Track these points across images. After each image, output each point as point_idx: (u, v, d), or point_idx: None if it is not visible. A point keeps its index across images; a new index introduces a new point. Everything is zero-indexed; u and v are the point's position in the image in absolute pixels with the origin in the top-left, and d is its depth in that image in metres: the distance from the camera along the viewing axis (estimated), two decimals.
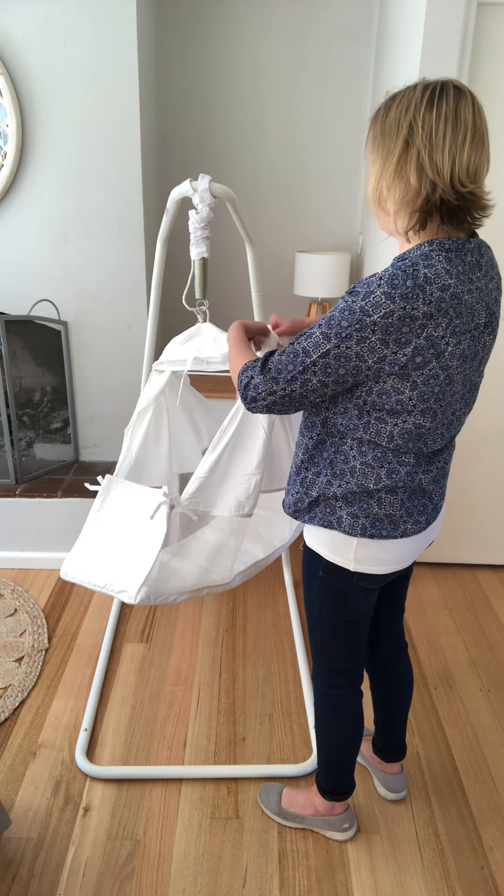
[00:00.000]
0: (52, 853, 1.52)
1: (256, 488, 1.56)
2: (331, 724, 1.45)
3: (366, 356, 1.03)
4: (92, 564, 1.60)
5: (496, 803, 1.67)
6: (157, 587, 1.52)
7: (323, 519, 1.21)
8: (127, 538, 1.58)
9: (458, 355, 1.05)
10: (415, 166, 1.00)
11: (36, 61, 2.23)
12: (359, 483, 1.16)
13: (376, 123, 1.06)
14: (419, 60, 1.96)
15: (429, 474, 1.19)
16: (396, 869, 1.51)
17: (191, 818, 1.61)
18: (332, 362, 1.05)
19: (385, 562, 1.24)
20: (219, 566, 1.69)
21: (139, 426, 1.90)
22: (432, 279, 0.99)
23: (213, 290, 3.06)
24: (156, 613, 2.35)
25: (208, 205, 1.66)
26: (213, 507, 1.57)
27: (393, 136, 1.02)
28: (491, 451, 2.46)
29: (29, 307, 2.54)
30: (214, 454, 1.54)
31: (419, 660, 2.16)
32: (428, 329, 1.00)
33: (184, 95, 2.78)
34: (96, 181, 2.38)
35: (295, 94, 2.78)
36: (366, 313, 0.99)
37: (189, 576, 1.63)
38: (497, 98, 2.04)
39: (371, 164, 1.08)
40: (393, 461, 1.14)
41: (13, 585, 2.48)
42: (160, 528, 1.50)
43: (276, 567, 2.64)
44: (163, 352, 1.89)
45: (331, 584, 1.28)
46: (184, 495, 1.54)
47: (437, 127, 0.98)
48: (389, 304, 0.98)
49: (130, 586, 1.50)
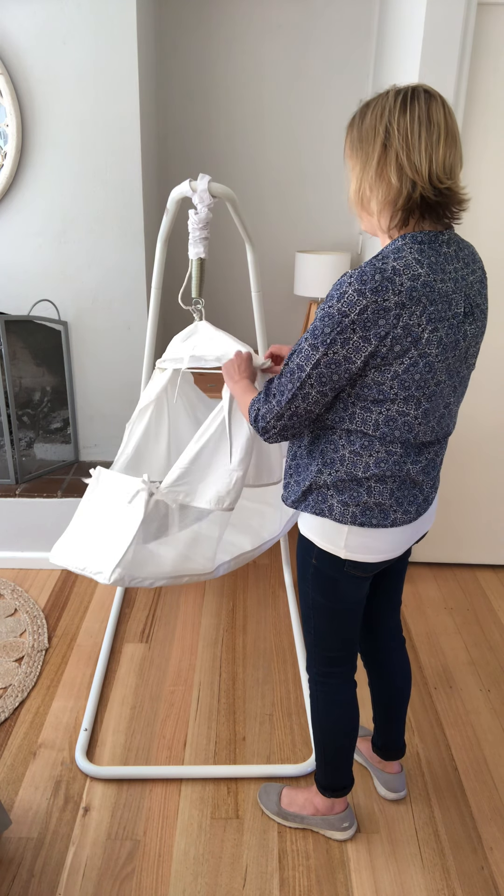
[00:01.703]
0: (52, 853, 1.52)
1: (238, 484, 1.58)
2: (327, 714, 1.46)
3: (353, 357, 1.07)
4: (75, 548, 1.66)
5: (496, 803, 1.67)
6: (131, 570, 1.58)
7: (315, 507, 1.24)
8: (107, 523, 1.63)
9: (435, 342, 1.08)
10: (395, 167, 1.06)
11: (36, 61, 2.23)
12: (347, 471, 1.19)
13: (353, 130, 1.12)
14: (419, 60, 1.96)
15: (417, 464, 1.21)
16: (396, 869, 1.51)
17: (191, 818, 1.61)
18: (324, 371, 1.09)
19: (376, 550, 1.26)
20: (199, 555, 1.72)
21: (139, 423, 1.92)
22: (401, 270, 1.04)
23: (213, 289, 3.06)
24: (156, 613, 2.35)
25: (207, 205, 1.67)
26: (193, 497, 1.60)
27: (370, 140, 1.08)
28: (491, 452, 2.46)
29: (29, 307, 2.54)
30: (197, 445, 1.57)
31: (419, 660, 2.16)
32: (403, 318, 1.04)
33: (184, 95, 2.79)
34: (96, 181, 2.38)
35: (295, 95, 2.78)
36: (343, 314, 1.04)
37: (167, 562, 1.68)
38: (497, 98, 2.04)
39: (351, 169, 1.14)
40: (381, 450, 1.17)
41: (13, 585, 2.48)
42: (137, 513, 1.55)
43: (276, 567, 2.65)
44: (165, 350, 1.91)
45: (323, 572, 1.31)
46: (164, 483, 1.58)
47: (412, 129, 1.05)
48: (362, 299, 1.03)
49: (105, 567, 1.56)
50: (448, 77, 1.97)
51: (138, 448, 1.93)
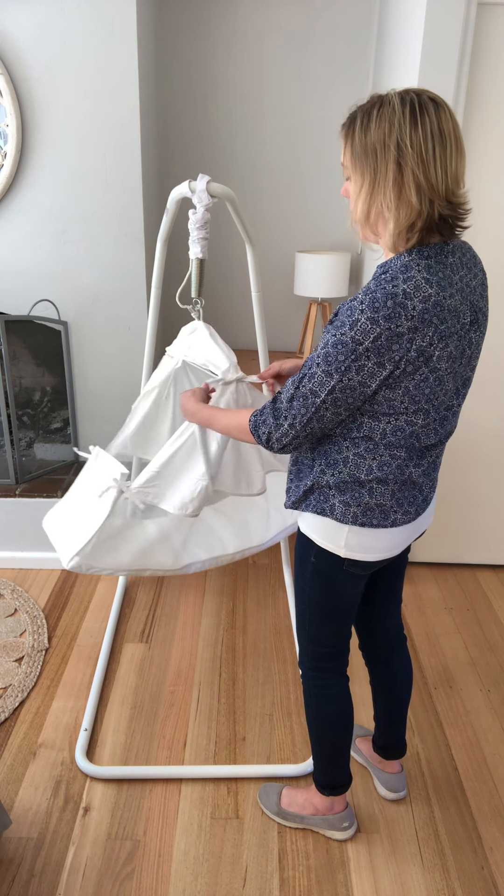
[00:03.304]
0: (52, 853, 1.52)
1: (202, 493, 1.62)
2: (321, 709, 1.46)
3: (368, 381, 1.07)
4: (59, 521, 1.75)
5: (496, 803, 1.67)
6: (89, 560, 1.65)
7: (316, 506, 1.25)
8: (83, 508, 1.69)
9: (445, 357, 1.09)
10: (414, 188, 1.02)
11: (36, 61, 2.23)
12: (350, 473, 1.19)
13: (352, 140, 1.06)
14: (419, 60, 1.96)
15: (420, 468, 1.22)
16: (396, 869, 1.51)
17: (191, 818, 1.61)
18: (339, 396, 1.09)
19: (375, 549, 1.27)
20: (161, 552, 1.77)
21: (143, 403, 1.97)
22: (411, 293, 1.02)
23: (213, 289, 3.06)
24: (156, 613, 2.35)
25: (205, 206, 1.67)
26: (161, 500, 1.64)
27: (382, 157, 1.03)
28: (491, 452, 2.46)
29: (29, 307, 2.54)
30: (170, 450, 1.62)
31: (419, 660, 2.16)
32: (415, 342, 1.04)
33: (184, 95, 2.79)
34: (96, 181, 2.38)
35: (295, 94, 2.78)
36: (357, 342, 1.03)
37: (125, 555, 1.74)
38: (497, 98, 2.04)
39: (353, 182, 1.08)
40: (385, 454, 1.17)
41: (13, 585, 2.48)
42: (104, 508, 1.60)
43: (276, 567, 2.65)
44: (170, 345, 1.93)
45: (321, 570, 1.31)
46: (134, 484, 1.63)
47: (426, 145, 1.00)
48: (375, 327, 1.02)
49: (67, 552, 1.63)
50: (448, 77, 1.97)
51: (140, 428, 1.96)
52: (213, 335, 1.77)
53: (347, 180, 1.12)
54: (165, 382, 1.96)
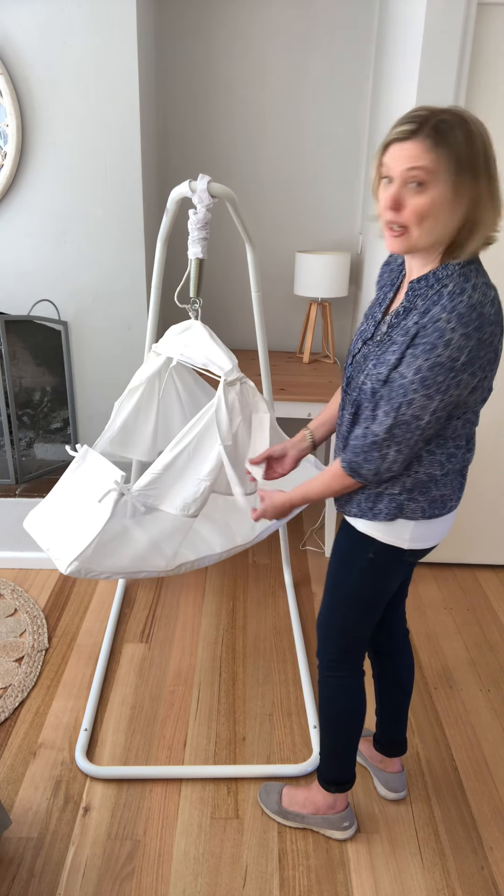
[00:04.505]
0: (52, 853, 1.52)
1: (205, 493, 1.63)
2: (339, 703, 1.47)
3: (464, 392, 1.12)
4: (47, 524, 1.71)
5: (496, 803, 1.67)
6: (89, 564, 1.62)
7: (388, 513, 1.26)
8: (79, 510, 1.67)
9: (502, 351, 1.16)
10: (499, 198, 1.09)
11: (36, 61, 2.23)
12: (427, 472, 1.23)
13: (452, 151, 1.02)
14: (419, 60, 1.96)
15: (471, 452, 1.28)
16: (396, 869, 1.51)
17: (191, 818, 1.61)
18: (441, 413, 1.13)
19: (433, 537, 1.32)
20: (158, 555, 1.75)
21: (128, 401, 1.96)
22: (485, 301, 1.08)
23: (213, 289, 3.06)
24: (156, 613, 2.35)
25: (206, 206, 1.67)
26: (161, 502, 1.64)
27: (481, 168, 1.05)
28: (491, 452, 2.46)
29: (29, 307, 2.54)
30: (173, 453, 1.62)
31: (419, 660, 2.16)
32: (494, 343, 1.11)
33: (184, 95, 2.79)
34: (96, 181, 2.38)
35: (295, 94, 2.78)
36: (454, 360, 1.07)
37: (125, 558, 1.72)
38: (497, 98, 2.04)
39: (445, 192, 1.04)
40: (451, 446, 1.22)
41: (13, 585, 2.48)
42: (105, 512, 1.59)
43: (276, 567, 2.65)
44: (162, 337, 1.92)
45: (379, 564, 1.33)
46: (135, 486, 1.62)
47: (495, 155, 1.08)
48: (469, 341, 1.06)
49: (65, 557, 1.60)
50: (448, 77, 1.97)
51: (124, 426, 1.96)
52: (211, 335, 1.77)
53: (419, 188, 1.04)
54: (152, 380, 1.95)
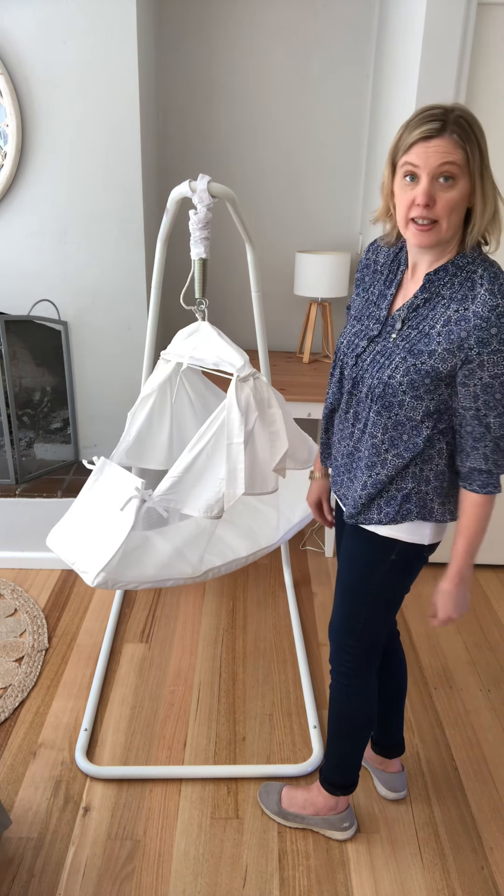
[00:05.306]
0: (52, 853, 1.52)
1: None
2: (359, 709, 1.47)
3: None
4: (70, 539, 1.70)
5: (496, 803, 1.67)
6: (115, 575, 1.62)
7: (419, 514, 1.27)
8: (102, 522, 1.67)
9: None
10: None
11: (36, 61, 2.23)
12: (447, 463, 1.24)
13: (475, 145, 1.09)
14: (419, 60, 1.96)
15: None
16: (396, 869, 1.51)
17: (191, 818, 1.61)
18: None
19: (447, 529, 1.35)
20: (184, 562, 1.74)
21: (141, 410, 1.94)
22: None
23: (213, 289, 3.06)
24: (156, 613, 2.35)
25: (206, 205, 1.67)
26: (183, 505, 1.63)
27: (487, 159, 1.11)
28: None
29: (29, 307, 2.54)
30: (191, 455, 1.60)
31: (419, 660, 2.16)
32: None
33: (184, 95, 2.78)
34: (96, 181, 2.38)
35: (295, 94, 2.78)
36: None
37: (150, 567, 1.72)
38: (497, 98, 2.04)
39: (485, 183, 1.11)
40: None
41: (13, 585, 2.48)
42: (128, 520, 1.58)
43: (277, 567, 2.64)
44: (170, 343, 1.91)
45: (401, 563, 1.34)
46: (156, 492, 1.61)
47: None
48: None
49: (91, 569, 1.60)
50: (448, 77, 1.97)
51: (139, 435, 1.95)
52: (220, 334, 1.76)
53: (450, 183, 1.09)
54: (163, 388, 1.94)
